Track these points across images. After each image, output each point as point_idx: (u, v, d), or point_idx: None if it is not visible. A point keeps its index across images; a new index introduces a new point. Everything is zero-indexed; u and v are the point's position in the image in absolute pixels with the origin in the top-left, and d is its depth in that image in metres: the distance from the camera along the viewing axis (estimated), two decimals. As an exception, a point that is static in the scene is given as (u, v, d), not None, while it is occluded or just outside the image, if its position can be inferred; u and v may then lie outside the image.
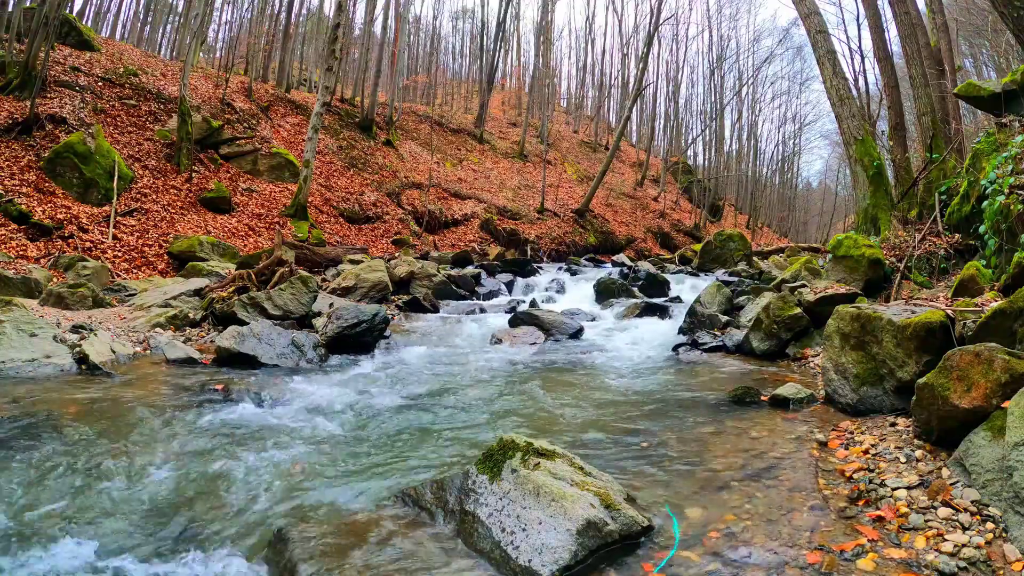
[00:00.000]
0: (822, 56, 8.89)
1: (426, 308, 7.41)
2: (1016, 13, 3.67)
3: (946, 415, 2.32)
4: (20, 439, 2.75)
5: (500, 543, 1.82)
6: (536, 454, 2.10)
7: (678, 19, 33.02)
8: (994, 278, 4.48)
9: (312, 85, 25.27)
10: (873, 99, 17.16)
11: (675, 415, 3.31)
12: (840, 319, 3.33)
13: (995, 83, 6.22)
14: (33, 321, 4.50)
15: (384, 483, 2.43)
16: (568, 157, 29.00)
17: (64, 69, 12.80)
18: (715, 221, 30.15)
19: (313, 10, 32.18)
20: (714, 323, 5.79)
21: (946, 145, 8.14)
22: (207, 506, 2.23)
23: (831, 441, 2.73)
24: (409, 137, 22.38)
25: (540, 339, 5.73)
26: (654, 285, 9.12)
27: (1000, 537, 1.80)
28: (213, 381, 3.93)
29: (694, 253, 14.91)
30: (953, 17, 15.59)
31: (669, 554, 1.80)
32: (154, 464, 2.56)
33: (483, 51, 29.00)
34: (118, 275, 8.24)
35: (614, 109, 36.91)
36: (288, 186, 14.20)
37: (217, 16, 27.79)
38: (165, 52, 25.97)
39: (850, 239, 6.23)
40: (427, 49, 36.58)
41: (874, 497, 2.13)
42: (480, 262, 12.66)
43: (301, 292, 6.05)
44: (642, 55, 23.49)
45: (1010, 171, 4.61)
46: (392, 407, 3.53)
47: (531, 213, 20.25)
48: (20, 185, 9.08)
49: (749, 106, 36.34)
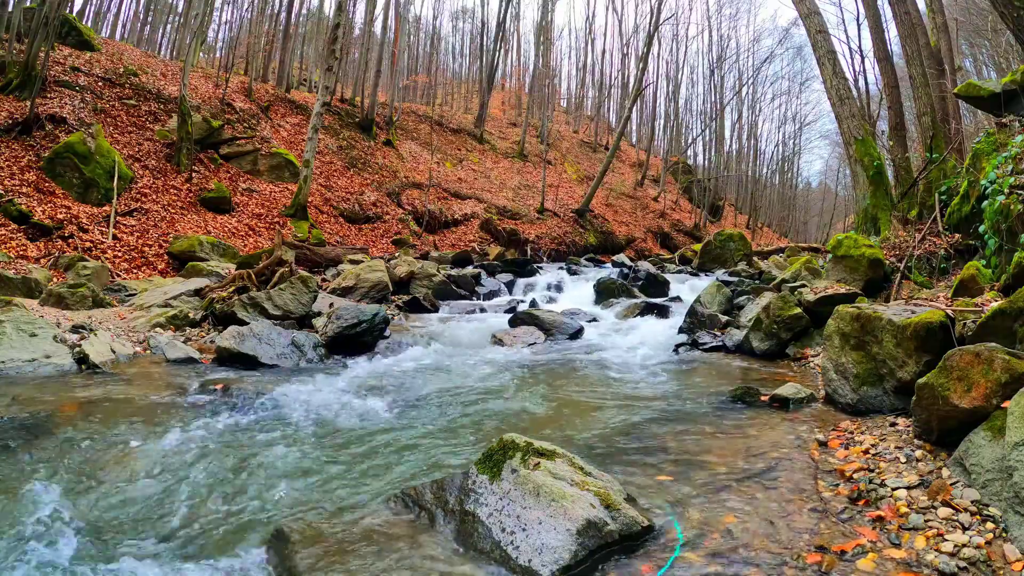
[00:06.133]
0: (822, 56, 8.90)
1: (426, 308, 7.41)
2: (1016, 13, 3.67)
3: (946, 415, 2.32)
4: (20, 439, 2.75)
5: (500, 543, 1.82)
6: (536, 454, 2.10)
7: (678, 19, 33.07)
8: (994, 278, 4.48)
9: (312, 85, 25.26)
10: (873, 99, 17.17)
11: (675, 415, 3.31)
12: (840, 319, 3.33)
13: (995, 83, 6.22)
14: (33, 321, 4.50)
15: (384, 483, 2.43)
16: (568, 157, 28.99)
17: (64, 69, 12.80)
18: (715, 221, 30.14)
19: (313, 10, 32.22)
20: (714, 323, 5.79)
21: (946, 145, 8.13)
22: (207, 506, 2.23)
23: (831, 441, 2.73)
24: (409, 137, 22.37)
25: (540, 339, 5.73)
26: (654, 285, 9.12)
27: (1000, 537, 1.80)
28: (213, 381, 3.93)
29: (694, 253, 14.91)
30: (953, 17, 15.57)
31: (671, 558, 1.80)
32: (153, 464, 2.55)
33: (483, 51, 29.00)
34: (118, 275, 8.24)
35: (614, 109, 36.94)
36: (288, 186, 14.20)
37: (217, 16, 27.86)
38: (165, 52, 25.94)
39: (850, 239, 6.23)
40: (427, 49, 36.56)
41: (874, 497, 2.13)
42: (480, 262, 12.65)
43: (301, 292, 6.05)
44: (642, 55, 23.50)
45: (1010, 171, 4.61)
46: (392, 407, 3.53)
47: (531, 213, 20.24)
48: (20, 185, 9.08)
49: (749, 106, 36.44)
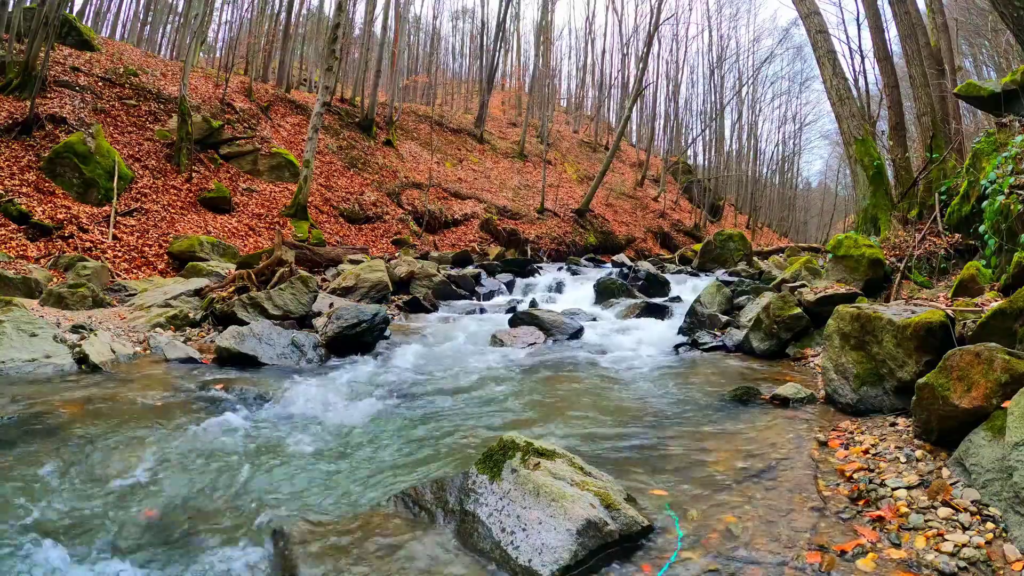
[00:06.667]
0: (822, 56, 8.89)
1: (426, 308, 7.41)
2: (1016, 13, 3.67)
3: (946, 415, 2.33)
4: (20, 439, 2.75)
5: (500, 543, 1.82)
6: (536, 454, 2.10)
7: (678, 19, 33.07)
8: (994, 278, 4.48)
9: (312, 85, 25.27)
10: (873, 99, 17.15)
11: (675, 415, 3.31)
12: (840, 319, 3.33)
13: (995, 83, 6.22)
14: (33, 321, 4.50)
15: (384, 483, 2.43)
16: (568, 157, 28.98)
17: (64, 69, 12.79)
18: (715, 221, 30.13)
19: (313, 10, 32.24)
20: (714, 323, 5.79)
21: (946, 145, 8.13)
22: (207, 506, 2.23)
23: (831, 441, 2.73)
24: (409, 137, 22.37)
25: (540, 339, 5.73)
26: (654, 285, 9.12)
27: (1000, 537, 1.80)
28: (213, 381, 3.93)
29: (694, 253, 14.90)
30: (953, 17, 15.58)
31: (671, 557, 1.80)
32: (153, 464, 2.55)
33: (483, 51, 29.00)
34: (118, 275, 8.23)
35: (614, 109, 36.92)
36: (288, 186, 14.20)
37: (217, 16, 27.83)
38: (165, 52, 25.95)
39: (850, 239, 6.23)
40: (427, 49, 36.53)
41: (874, 497, 2.13)
42: (480, 262, 12.66)
43: (301, 292, 6.05)
44: (642, 55, 23.51)
45: (1010, 171, 4.61)
46: (392, 407, 3.53)
47: (531, 213, 20.24)
48: (20, 185, 9.08)
49: (749, 106, 36.39)
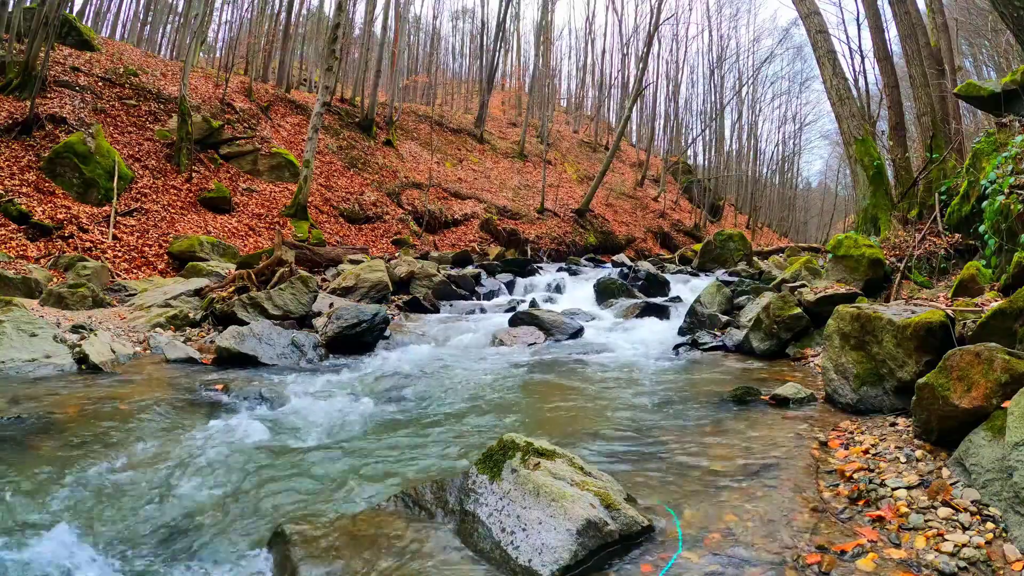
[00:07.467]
0: (822, 56, 8.89)
1: (426, 308, 7.41)
2: (1016, 13, 3.67)
3: (946, 415, 2.32)
4: (20, 439, 2.75)
5: (500, 543, 1.82)
6: (536, 454, 2.10)
7: (678, 19, 33.06)
8: (994, 278, 4.48)
9: (312, 85, 25.27)
10: (873, 99, 17.14)
11: (675, 415, 3.31)
12: (840, 319, 3.33)
13: (995, 83, 6.22)
14: (33, 321, 4.50)
15: (384, 483, 2.43)
16: (568, 157, 28.98)
17: (64, 69, 12.79)
18: (715, 221, 30.13)
19: (313, 10, 32.25)
20: (714, 323, 5.80)
21: (946, 145, 8.13)
22: (206, 506, 2.23)
23: (831, 441, 2.73)
24: (409, 137, 22.37)
25: (540, 339, 5.73)
26: (654, 285, 9.11)
27: (1000, 537, 1.80)
28: (213, 381, 3.93)
29: (694, 253, 14.91)
30: (953, 17, 15.58)
31: (672, 558, 1.79)
32: (153, 464, 2.55)
33: (483, 51, 29.00)
34: (118, 275, 8.23)
35: (614, 109, 36.93)
36: (288, 186, 14.20)
37: (217, 16, 27.85)
38: (165, 52, 25.94)
39: (850, 239, 6.23)
40: (427, 49, 36.55)
41: (874, 497, 2.13)
42: (480, 262, 12.66)
43: (301, 292, 6.05)
44: (642, 55, 23.52)
45: (1010, 171, 4.61)
46: (392, 407, 3.53)
47: (531, 213, 20.24)
48: (20, 185, 9.08)
49: (749, 106, 36.40)
